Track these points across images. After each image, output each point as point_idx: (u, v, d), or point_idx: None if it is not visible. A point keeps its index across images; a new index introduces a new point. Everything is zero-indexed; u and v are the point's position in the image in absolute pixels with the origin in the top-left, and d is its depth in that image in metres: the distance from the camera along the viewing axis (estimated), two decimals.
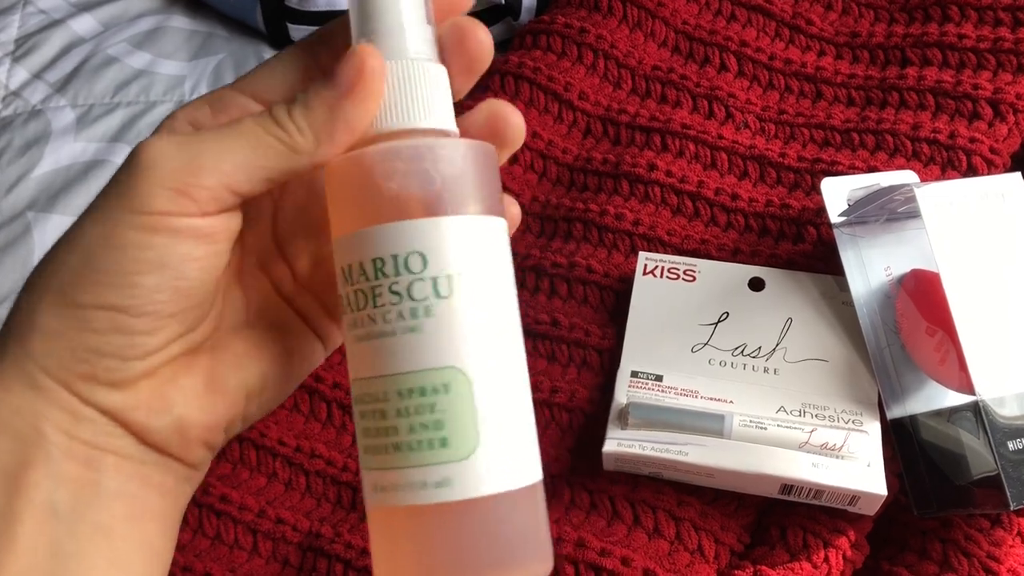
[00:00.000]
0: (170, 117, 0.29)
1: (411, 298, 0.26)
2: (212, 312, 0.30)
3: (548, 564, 0.27)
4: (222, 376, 0.30)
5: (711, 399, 0.46)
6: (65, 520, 0.27)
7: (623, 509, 0.44)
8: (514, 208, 0.31)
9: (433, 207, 0.26)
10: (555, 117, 0.59)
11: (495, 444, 0.26)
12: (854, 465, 0.43)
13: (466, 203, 0.26)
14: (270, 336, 0.31)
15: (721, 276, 0.50)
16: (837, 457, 0.43)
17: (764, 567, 0.42)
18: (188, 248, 0.27)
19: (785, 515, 0.45)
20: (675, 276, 0.50)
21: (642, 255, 0.51)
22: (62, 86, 0.70)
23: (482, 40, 0.29)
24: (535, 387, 0.49)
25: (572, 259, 0.53)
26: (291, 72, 0.29)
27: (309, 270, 0.32)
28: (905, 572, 0.44)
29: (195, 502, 0.48)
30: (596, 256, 0.53)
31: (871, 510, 0.43)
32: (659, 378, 0.47)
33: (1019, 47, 0.56)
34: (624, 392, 0.47)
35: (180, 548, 0.46)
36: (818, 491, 0.43)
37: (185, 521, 0.47)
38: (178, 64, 0.72)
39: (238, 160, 0.27)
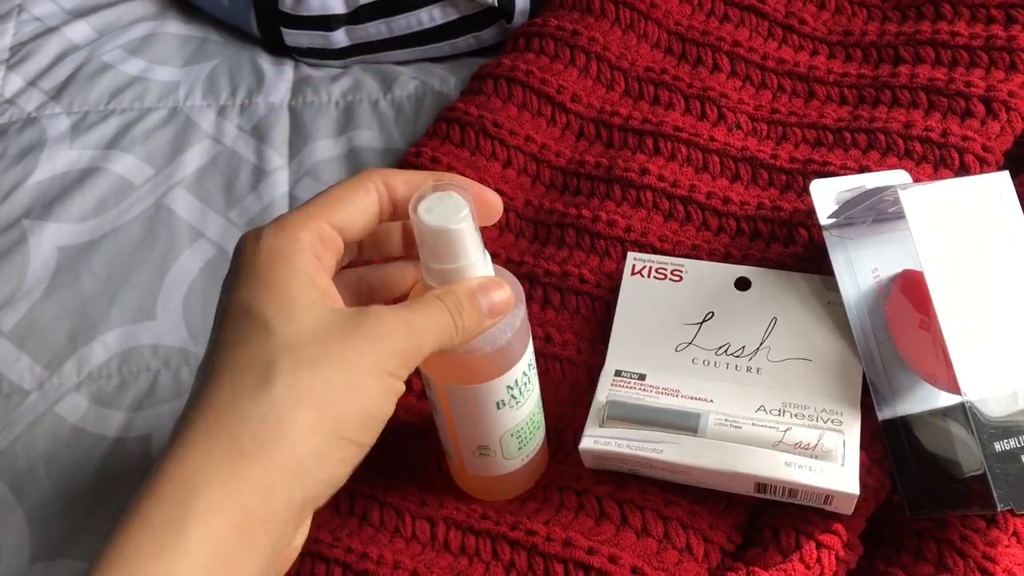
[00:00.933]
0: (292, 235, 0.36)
1: (534, 375, 0.44)
2: None
3: None
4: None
5: (691, 398, 0.46)
6: None
7: (610, 509, 0.44)
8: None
9: (528, 336, 0.42)
10: (548, 120, 0.59)
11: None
12: (828, 464, 0.43)
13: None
14: None
15: (708, 276, 0.50)
16: (812, 456, 0.43)
17: (757, 568, 0.42)
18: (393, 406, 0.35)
19: (777, 516, 0.45)
20: (662, 276, 0.50)
21: (630, 255, 0.51)
22: (57, 93, 0.70)
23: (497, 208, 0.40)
24: None
25: (565, 267, 0.53)
26: (367, 208, 0.38)
27: None
28: (901, 573, 0.44)
29: None
30: (588, 264, 0.53)
31: (847, 509, 0.43)
32: (642, 377, 0.47)
33: (1012, 45, 0.56)
34: (605, 391, 0.47)
35: None
36: (792, 490, 0.43)
37: None
38: (173, 70, 0.72)
39: (432, 344, 0.36)
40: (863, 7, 0.61)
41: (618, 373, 0.48)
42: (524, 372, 0.42)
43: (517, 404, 0.42)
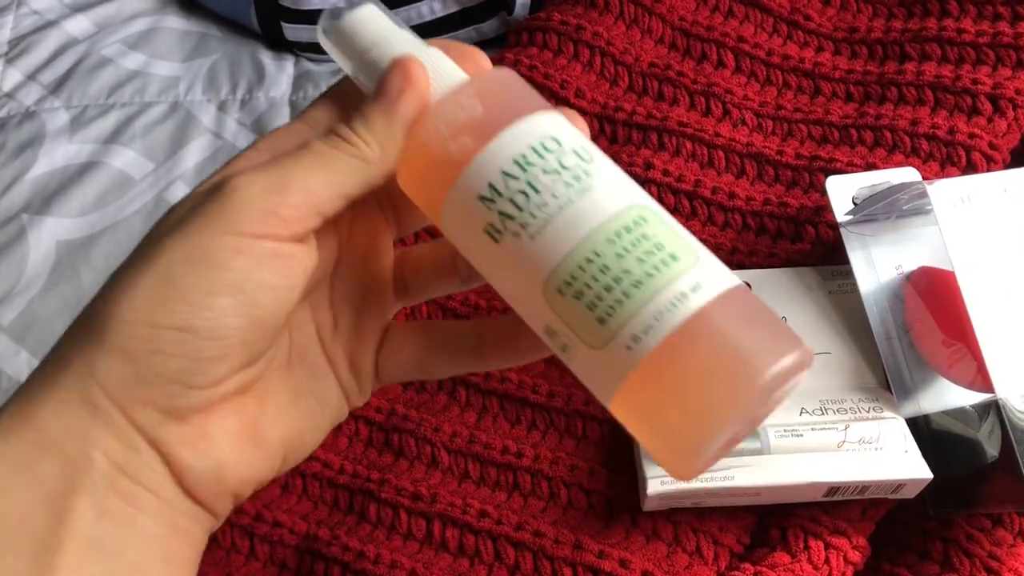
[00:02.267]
0: (239, 157, 0.30)
1: (565, 168, 0.27)
2: (270, 351, 0.30)
3: (806, 347, 0.26)
4: (263, 429, 0.30)
5: None
6: (106, 556, 0.27)
7: (621, 511, 0.44)
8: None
9: (518, 111, 0.28)
10: None
11: (703, 250, 0.27)
12: (892, 454, 0.42)
13: (542, 101, 0.29)
14: (307, 385, 0.32)
15: None
16: (877, 449, 0.42)
17: (764, 568, 0.42)
18: (266, 275, 0.27)
19: (785, 516, 0.44)
20: None
21: None
22: (56, 87, 0.69)
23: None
24: (533, 389, 0.49)
25: None
26: (332, 111, 0.31)
27: (348, 329, 0.33)
28: (906, 572, 0.44)
29: None
30: None
31: (913, 494, 0.43)
32: None
33: (1018, 42, 0.55)
34: None
35: None
36: (864, 487, 0.42)
37: None
38: (172, 65, 0.71)
39: (318, 178, 0.28)
40: (868, 3, 0.61)
41: None
42: (508, 171, 0.27)
43: (527, 228, 0.27)
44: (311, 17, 0.69)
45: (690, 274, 0.26)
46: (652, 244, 0.26)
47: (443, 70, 0.29)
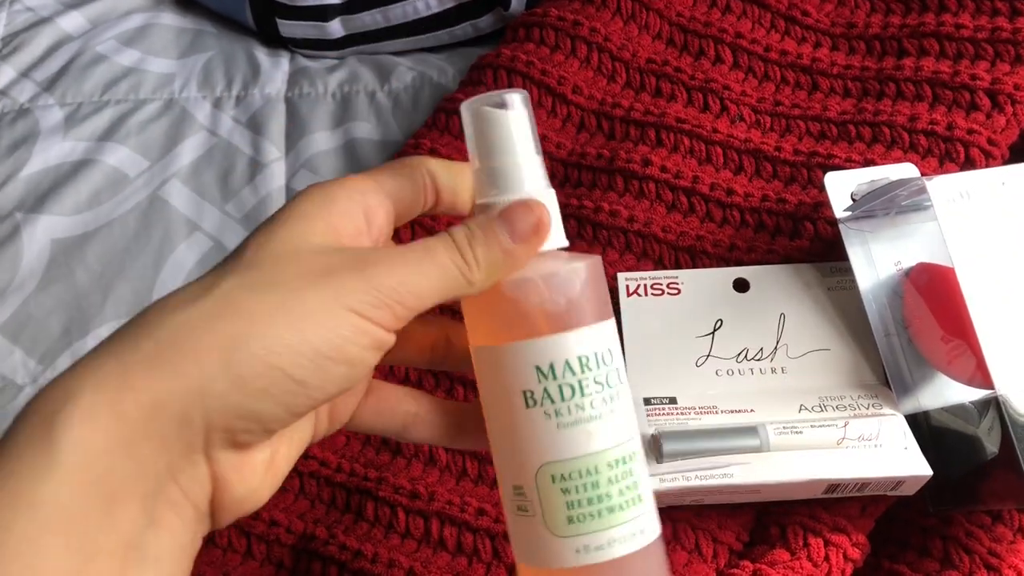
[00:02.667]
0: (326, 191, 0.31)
1: (609, 386, 0.31)
2: None
3: None
4: (279, 455, 0.31)
5: (732, 411, 0.45)
6: (147, 563, 0.27)
7: None
8: None
9: (601, 313, 0.31)
10: (549, 111, 0.58)
11: (650, 495, 0.32)
12: (892, 451, 0.42)
13: (608, 308, 0.32)
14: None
15: (705, 284, 0.49)
16: (876, 446, 0.42)
17: (763, 565, 0.42)
18: (371, 356, 0.29)
19: (785, 514, 0.44)
20: (659, 292, 0.49)
21: (620, 276, 0.49)
22: (50, 84, 0.69)
23: None
24: None
25: None
26: (408, 186, 0.33)
27: None
28: (906, 570, 0.44)
29: None
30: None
31: (912, 491, 0.43)
32: (673, 400, 0.46)
33: (1016, 37, 0.55)
34: (644, 422, 0.44)
35: None
36: (864, 483, 0.42)
37: None
38: (167, 62, 0.71)
39: (432, 288, 0.30)
40: None
41: (647, 401, 0.46)
42: (571, 363, 0.30)
43: (559, 416, 0.30)
44: (306, 14, 0.69)
45: (642, 518, 0.31)
46: (632, 481, 0.31)
47: (554, 223, 0.32)
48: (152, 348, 0.27)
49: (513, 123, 0.31)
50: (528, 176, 0.31)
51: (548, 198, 0.32)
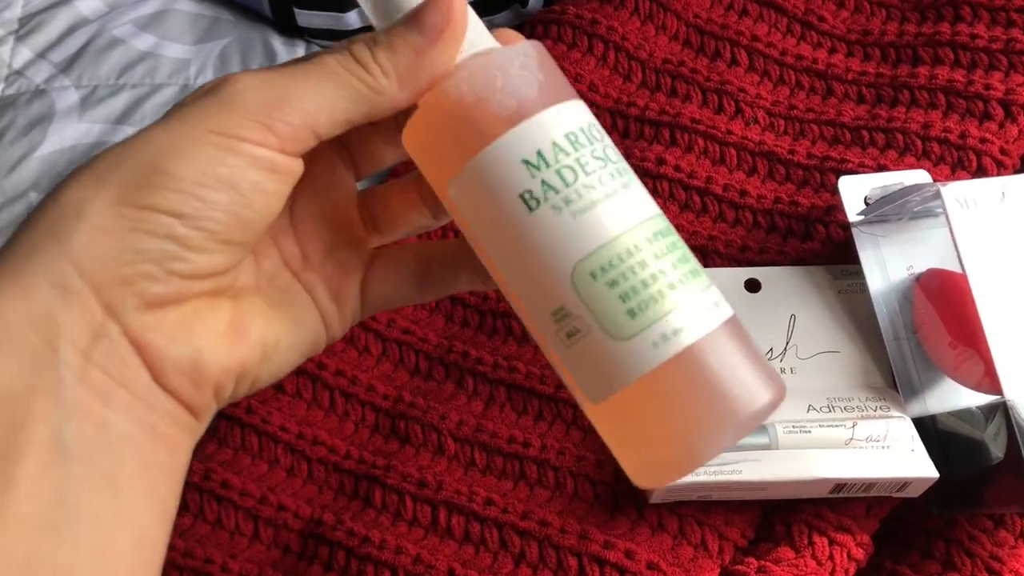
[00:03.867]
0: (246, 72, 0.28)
1: (611, 160, 0.27)
2: (245, 260, 0.29)
3: (780, 384, 0.27)
4: (243, 323, 0.29)
5: None
6: (72, 462, 0.24)
7: (626, 503, 0.44)
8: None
9: (569, 92, 0.28)
10: None
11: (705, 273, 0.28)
12: (899, 453, 0.43)
13: (573, 90, 0.28)
14: (281, 300, 0.31)
15: (717, 283, 0.49)
16: (884, 447, 0.43)
17: (768, 563, 0.42)
18: (260, 177, 0.26)
19: (791, 512, 0.45)
20: None
21: None
22: (66, 66, 0.69)
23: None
24: (540, 380, 0.49)
25: None
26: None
27: (320, 256, 0.32)
28: (908, 571, 0.44)
29: (196, 487, 0.47)
30: None
31: (918, 493, 0.43)
32: None
33: None
34: None
35: (181, 533, 0.46)
36: (870, 484, 0.42)
37: (186, 506, 0.47)
38: (183, 47, 0.71)
39: (322, 100, 0.26)
40: (882, 7, 0.61)
41: None
42: (559, 143, 0.26)
43: (570, 205, 0.26)
44: (324, 3, 0.69)
45: (712, 290, 0.27)
46: (681, 254, 0.27)
47: (477, 25, 0.28)
48: (11, 246, 0.25)
49: None
50: None
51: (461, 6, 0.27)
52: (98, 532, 0.24)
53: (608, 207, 0.26)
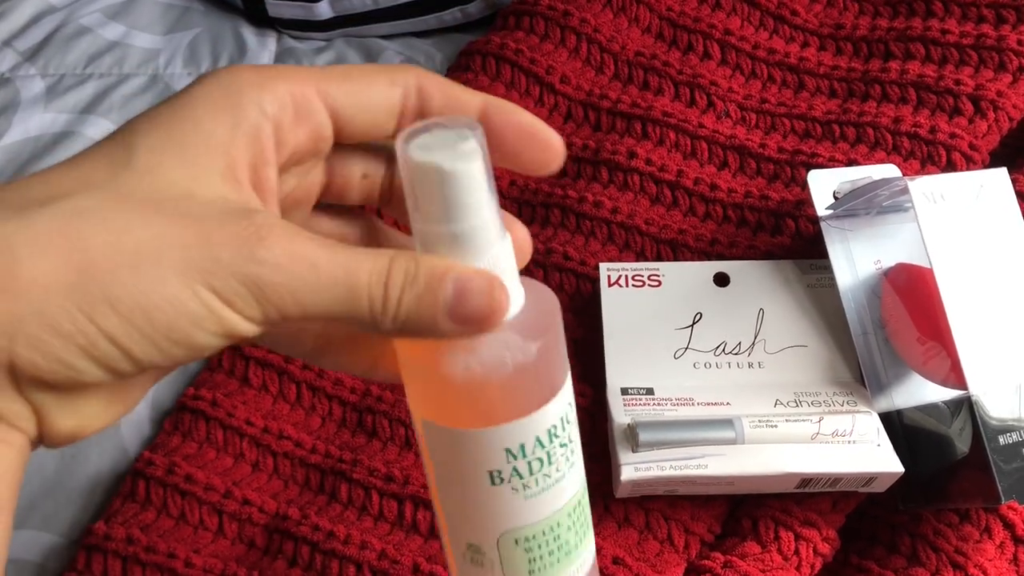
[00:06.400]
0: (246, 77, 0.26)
1: (571, 441, 0.29)
2: None
3: None
4: (125, 392, 0.27)
5: (708, 404, 0.45)
6: None
7: (593, 497, 0.44)
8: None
9: (565, 369, 0.29)
10: (536, 100, 0.58)
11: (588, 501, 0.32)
12: (865, 447, 0.43)
13: (567, 357, 0.29)
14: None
15: (686, 277, 0.49)
16: (849, 442, 0.43)
17: (735, 558, 0.42)
18: (218, 343, 0.25)
19: (757, 507, 0.44)
20: (640, 283, 0.49)
21: (602, 266, 0.50)
22: (32, 55, 0.68)
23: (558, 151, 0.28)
24: None
25: (549, 245, 0.52)
26: (382, 102, 0.27)
27: None
28: (874, 566, 0.44)
29: (159, 482, 0.47)
30: (573, 243, 0.53)
31: (884, 488, 0.43)
32: (650, 391, 0.46)
33: (1001, 44, 0.56)
34: (621, 412, 0.45)
35: (144, 528, 0.46)
36: (836, 479, 0.42)
37: (149, 500, 0.47)
38: (153, 37, 0.70)
39: (327, 302, 0.24)
40: (855, 1, 0.61)
41: (624, 391, 0.46)
42: (541, 438, 0.28)
43: (526, 490, 0.28)
44: None
45: (589, 537, 0.31)
46: (584, 514, 0.31)
47: (511, 275, 0.27)
48: None
49: (474, 178, 0.25)
50: (489, 238, 0.26)
51: (504, 250, 0.26)
52: None
53: (553, 491, 0.29)
